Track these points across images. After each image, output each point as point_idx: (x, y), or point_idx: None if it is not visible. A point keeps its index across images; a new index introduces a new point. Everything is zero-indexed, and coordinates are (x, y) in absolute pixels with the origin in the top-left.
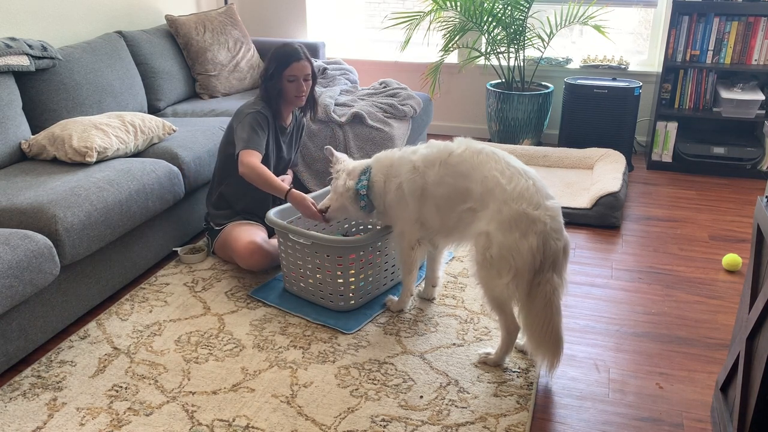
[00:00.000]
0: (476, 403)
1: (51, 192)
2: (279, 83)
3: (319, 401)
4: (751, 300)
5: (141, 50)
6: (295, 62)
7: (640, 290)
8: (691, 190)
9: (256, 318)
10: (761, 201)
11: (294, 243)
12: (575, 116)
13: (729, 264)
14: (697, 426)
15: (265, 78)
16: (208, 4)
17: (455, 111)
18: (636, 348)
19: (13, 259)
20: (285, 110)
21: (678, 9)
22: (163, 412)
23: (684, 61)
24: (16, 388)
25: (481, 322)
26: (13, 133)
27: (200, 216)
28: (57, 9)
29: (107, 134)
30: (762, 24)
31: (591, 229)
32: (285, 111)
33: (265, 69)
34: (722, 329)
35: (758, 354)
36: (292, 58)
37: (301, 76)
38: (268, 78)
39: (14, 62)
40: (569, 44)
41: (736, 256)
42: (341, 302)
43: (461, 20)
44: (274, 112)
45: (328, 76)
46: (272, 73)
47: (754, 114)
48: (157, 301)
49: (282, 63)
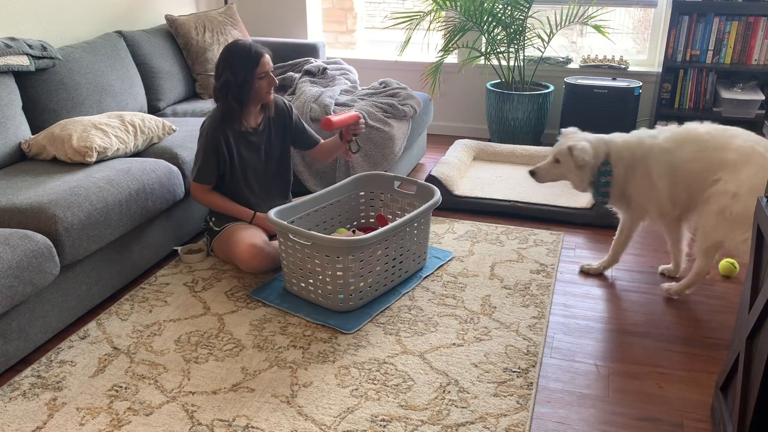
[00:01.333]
0: (476, 403)
1: (51, 192)
2: (251, 86)
3: (319, 401)
4: (751, 300)
5: (141, 50)
6: (262, 58)
7: (640, 290)
8: None
9: (256, 318)
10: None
11: (294, 243)
12: (575, 116)
13: (724, 270)
14: (697, 426)
15: (233, 86)
16: (208, 4)
17: (455, 111)
18: (636, 348)
19: (13, 259)
20: (252, 112)
21: (678, 9)
22: (163, 412)
23: (684, 61)
24: (16, 388)
25: (481, 322)
26: (13, 133)
27: (200, 216)
28: (57, 9)
29: (107, 134)
30: (762, 24)
31: (591, 229)
32: (252, 112)
33: (231, 78)
34: (722, 329)
35: (758, 354)
36: (258, 54)
37: (270, 69)
38: (236, 86)
39: (14, 62)
40: (569, 44)
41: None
42: (341, 302)
43: (461, 20)
44: (240, 119)
45: (328, 76)
46: (242, 79)
47: (754, 114)
48: (157, 301)
49: (252, 63)
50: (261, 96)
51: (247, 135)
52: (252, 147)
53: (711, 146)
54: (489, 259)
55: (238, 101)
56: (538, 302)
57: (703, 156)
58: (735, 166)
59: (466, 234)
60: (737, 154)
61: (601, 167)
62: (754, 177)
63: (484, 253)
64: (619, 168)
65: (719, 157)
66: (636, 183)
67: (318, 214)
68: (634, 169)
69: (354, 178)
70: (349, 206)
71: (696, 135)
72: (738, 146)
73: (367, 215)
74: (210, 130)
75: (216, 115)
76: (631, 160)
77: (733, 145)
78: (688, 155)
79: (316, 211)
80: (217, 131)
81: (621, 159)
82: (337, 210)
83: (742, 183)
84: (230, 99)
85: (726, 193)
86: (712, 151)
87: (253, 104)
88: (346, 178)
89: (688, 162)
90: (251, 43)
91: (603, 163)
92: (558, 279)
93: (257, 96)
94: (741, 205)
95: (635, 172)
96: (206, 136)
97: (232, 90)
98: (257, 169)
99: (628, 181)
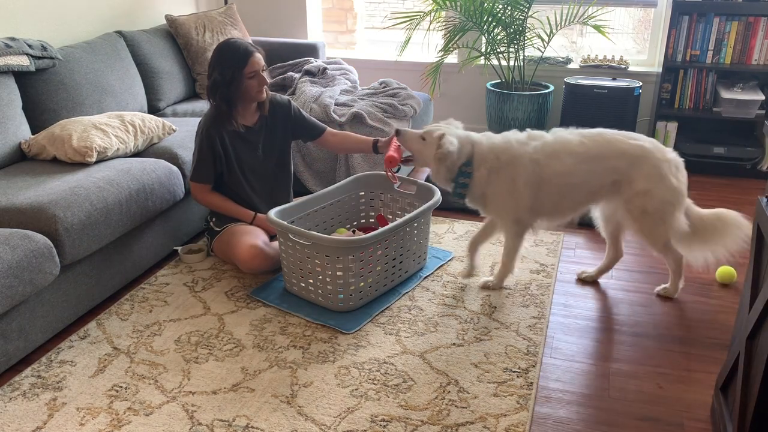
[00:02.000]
0: (476, 403)
1: (51, 192)
2: (239, 86)
3: (319, 401)
4: (751, 300)
5: (141, 50)
6: (251, 57)
7: (640, 290)
8: (691, 190)
9: (256, 318)
10: (761, 201)
11: (294, 243)
12: (575, 116)
13: (723, 277)
14: (697, 426)
15: (221, 86)
16: (208, 4)
17: (455, 111)
18: (636, 348)
19: (13, 259)
20: (246, 111)
21: (678, 9)
22: (163, 412)
23: (684, 61)
24: (16, 388)
25: (481, 322)
26: (13, 133)
27: (200, 216)
28: (57, 9)
29: (107, 134)
30: (762, 24)
31: (591, 229)
32: (246, 111)
33: (219, 77)
34: (722, 329)
35: (758, 354)
36: (247, 53)
37: (260, 68)
38: (225, 85)
39: (14, 62)
40: (569, 44)
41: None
42: (341, 302)
43: (461, 20)
44: (230, 119)
45: (328, 76)
46: (231, 77)
47: (754, 114)
48: (157, 301)
49: (240, 63)
50: (251, 95)
51: (243, 133)
52: (248, 145)
53: (591, 156)
54: (489, 259)
55: (227, 101)
56: (538, 302)
57: (587, 167)
58: (631, 167)
59: (466, 234)
60: (628, 159)
61: (462, 167)
62: (654, 169)
63: (484, 253)
64: (482, 170)
65: (610, 166)
66: (498, 187)
67: (318, 214)
68: (498, 173)
69: (354, 178)
70: (349, 206)
71: (570, 147)
72: (624, 151)
73: (367, 215)
74: (204, 129)
75: (210, 113)
76: (495, 163)
77: (618, 151)
78: (565, 168)
79: (316, 211)
80: (212, 130)
81: (484, 162)
82: (337, 210)
83: (648, 178)
84: (218, 99)
85: (638, 194)
86: (596, 162)
87: (244, 104)
88: (346, 178)
89: (566, 175)
90: (242, 42)
91: (465, 163)
92: (558, 279)
93: (247, 95)
94: (656, 196)
95: (499, 176)
96: (201, 135)
97: (220, 90)
98: (256, 167)
99: (490, 184)
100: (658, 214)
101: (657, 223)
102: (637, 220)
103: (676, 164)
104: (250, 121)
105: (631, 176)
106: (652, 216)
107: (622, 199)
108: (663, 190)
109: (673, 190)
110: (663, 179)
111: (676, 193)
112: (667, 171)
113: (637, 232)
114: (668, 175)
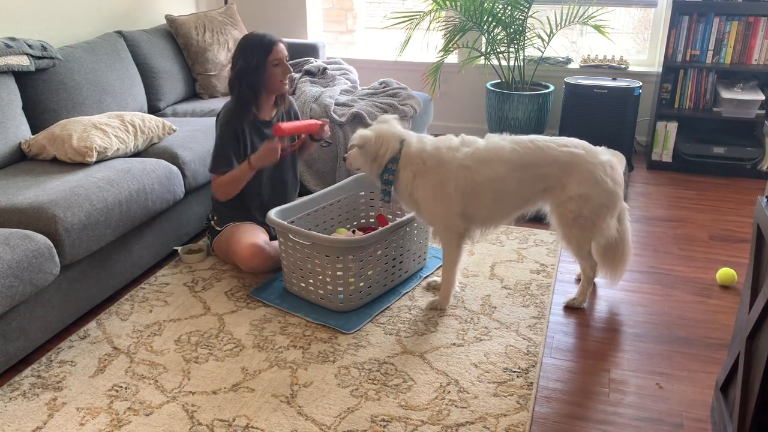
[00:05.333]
0: (476, 403)
1: (51, 192)
2: (264, 73)
3: (319, 401)
4: (751, 300)
5: (141, 50)
6: (275, 45)
7: (640, 290)
8: (691, 190)
9: (256, 318)
10: (761, 201)
11: (294, 243)
12: (575, 116)
13: (723, 279)
14: (697, 426)
15: (246, 73)
16: (208, 4)
17: (455, 111)
18: (636, 348)
19: (13, 259)
20: (266, 103)
21: (678, 9)
22: (163, 412)
23: (684, 61)
24: (16, 388)
25: (481, 322)
26: (13, 133)
27: (200, 216)
28: (57, 9)
29: (107, 134)
30: (762, 24)
31: None
32: (266, 104)
33: (244, 65)
34: (722, 329)
35: (758, 354)
36: (272, 42)
37: (284, 58)
38: (250, 72)
39: (14, 62)
40: (569, 44)
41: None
42: (341, 302)
43: (461, 20)
44: (252, 108)
45: (328, 76)
46: (255, 65)
47: (754, 114)
48: (157, 301)
49: (264, 50)
50: (275, 84)
51: (261, 126)
52: (265, 139)
53: (523, 164)
54: (489, 259)
55: (252, 88)
56: (538, 302)
57: (518, 175)
58: (563, 174)
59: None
60: (559, 166)
61: (389, 164)
62: (587, 174)
63: (484, 253)
64: (407, 171)
65: (542, 173)
66: (425, 191)
67: (318, 214)
68: (423, 177)
69: (354, 178)
70: (349, 206)
71: (502, 155)
72: (555, 158)
73: (367, 215)
74: (225, 119)
75: (230, 105)
76: (421, 167)
77: (549, 158)
78: (497, 175)
79: (316, 211)
80: (233, 119)
81: (410, 163)
82: (337, 210)
83: (581, 184)
84: (244, 86)
85: (572, 199)
86: (528, 169)
87: (267, 93)
88: (346, 178)
89: (498, 181)
90: (265, 33)
91: (391, 160)
92: (558, 279)
93: (271, 83)
94: (591, 200)
95: (424, 180)
96: (223, 126)
97: (246, 77)
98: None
99: (417, 187)
100: (592, 219)
101: (587, 228)
102: (567, 224)
103: (610, 164)
104: (268, 116)
105: (564, 182)
106: (585, 220)
107: (555, 204)
108: (598, 193)
109: (609, 193)
110: (597, 183)
111: (612, 195)
112: (601, 174)
113: (564, 238)
114: (603, 177)
